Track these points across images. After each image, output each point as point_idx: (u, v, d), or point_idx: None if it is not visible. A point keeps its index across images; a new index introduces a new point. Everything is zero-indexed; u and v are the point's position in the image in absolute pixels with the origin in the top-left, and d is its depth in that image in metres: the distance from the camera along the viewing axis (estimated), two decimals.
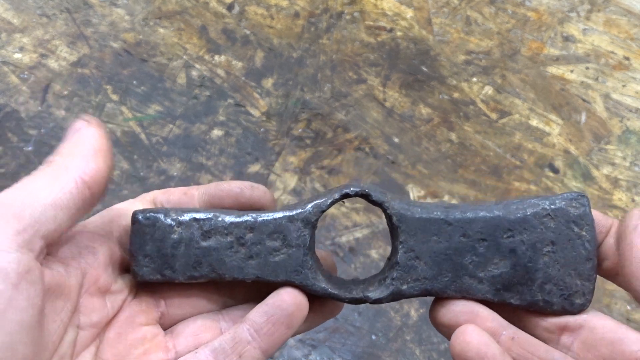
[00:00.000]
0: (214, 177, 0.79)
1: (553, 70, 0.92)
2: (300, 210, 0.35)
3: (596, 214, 0.35)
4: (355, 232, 0.77)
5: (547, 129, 0.87)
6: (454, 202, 0.81)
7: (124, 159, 0.79)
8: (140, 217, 0.36)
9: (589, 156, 0.86)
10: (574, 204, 0.34)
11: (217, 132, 0.82)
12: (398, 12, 0.95)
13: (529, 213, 0.34)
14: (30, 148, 0.78)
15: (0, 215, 0.28)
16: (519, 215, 0.34)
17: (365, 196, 0.35)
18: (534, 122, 0.87)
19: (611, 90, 0.91)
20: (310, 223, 0.35)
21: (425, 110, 0.87)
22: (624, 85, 0.92)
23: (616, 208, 0.82)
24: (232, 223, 0.35)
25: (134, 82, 0.85)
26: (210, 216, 0.36)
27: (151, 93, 0.84)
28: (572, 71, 0.92)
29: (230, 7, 0.93)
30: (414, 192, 0.81)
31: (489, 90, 0.90)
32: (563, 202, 0.34)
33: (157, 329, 0.36)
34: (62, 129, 0.80)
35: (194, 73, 0.87)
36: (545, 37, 0.95)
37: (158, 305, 0.37)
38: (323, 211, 0.35)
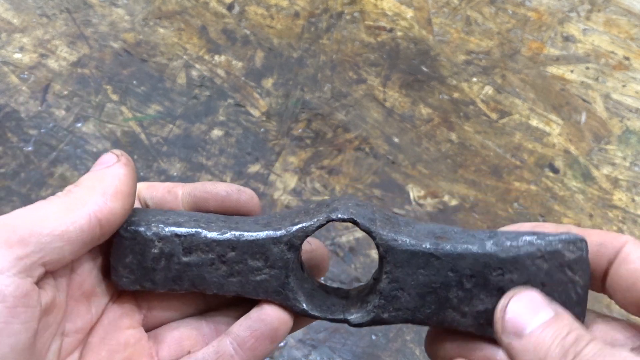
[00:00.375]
0: (214, 177, 0.79)
1: (553, 70, 0.92)
2: (284, 232, 0.34)
3: (606, 234, 0.33)
4: (356, 232, 0.77)
5: (547, 129, 0.87)
6: (454, 202, 0.81)
7: None
8: (121, 229, 0.34)
9: (589, 156, 0.86)
10: (571, 248, 0.33)
11: (217, 132, 0.82)
12: (398, 12, 0.95)
13: (522, 253, 0.33)
14: (30, 148, 0.78)
15: (6, 238, 0.28)
16: (511, 254, 0.33)
17: (353, 222, 0.35)
18: (534, 122, 0.87)
19: (611, 90, 0.91)
20: (294, 246, 0.34)
21: (425, 110, 0.87)
22: (624, 85, 0.92)
23: (616, 208, 0.82)
24: (214, 240, 0.35)
25: (134, 82, 0.85)
26: (192, 232, 0.35)
27: (151, 93, 0.84)
28: (572, 71, 0.92)
29: (230, 7, 0.93)
30: (414, 192, 0.81)
31: (489, 90, 0.89)
32: (560, 245, 0.33)
33: (140, 332, 0.35)
34: (62, 129, 0.80)
35: (194, 73, 0.87)
36: (546, 37, 0.95)
37: (140, 308, 0.36)
38: (308, 235, 0.34)
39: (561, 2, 0.99)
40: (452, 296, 0.34)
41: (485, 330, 0.33)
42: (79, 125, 0.81)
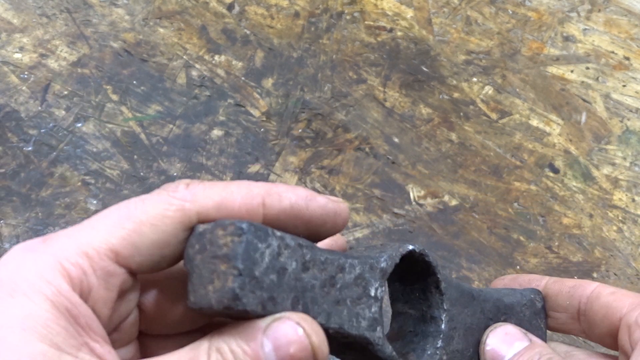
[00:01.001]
0: (214, 177, 0.79)
1: (553, 70, 0.92)
2: (375, 259, 0.30)
3: (578, 281, 0.39)
4: (356, 232, 0.77)
5: (547, 129, 0.87)
6: (454, 202, 0.81)
7: (124, 159, 0.79)
8: (245, 226, 0.26)
9: (589, 156, 0.86)
10: (537, 298, 0.39)
11: (217, 132, 0.82)
12: (398, 12, 0.95)
13: (514, 301, 0.37)
14: (30, 148, 0.78)
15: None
16: (508, 302, 0.37)
17: (422, 256, 0.33)
18: (534, 122, 0.87)
19: (611, 90, 0.91)
20: (386, 275, 0.31)
21: (425, 110, 0.87)
22: (624, 85, 0.92)
23: (616, 208, 0.82)
24: (327, 258, 0.28)
25: (134, 82, 0.85)
26: (310, 244, 0.28)
27: (151, 93, 0.84)
28: (572, 71, 0.92)
29: (230, 7, 0.93)
30: (414, 192, 0.81)
31: (489, 90, 0.89)
32: (532, 295, 0.39)
33: None
34: (62, 129, 0.80)
35: (194, 73, 0.87)
36: (546, 37, 0.95)
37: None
38: (396, 263, 0.31)
39: (561, 2, 0.99)
40: (481, 337, 0.36)
41: None
42: (79, 125, 0.81)
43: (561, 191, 0.83)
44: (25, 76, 0.84)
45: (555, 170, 0.84)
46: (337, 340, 0.29)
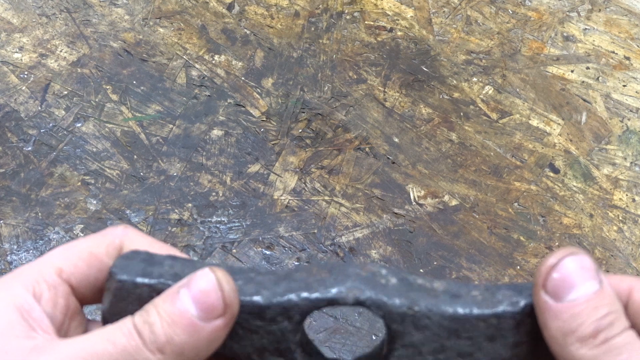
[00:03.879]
0: (214, 177, 0.79)
1: (553, 70, 0.92)
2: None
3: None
4: (356, 232, 0.77)
5: (547, 129, 0.87)
6: (454, 202, 0.80)
7: (124, 159, 0.79)
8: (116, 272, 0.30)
9: (590, 156, 0.85)
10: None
11: (217, 132, 0.82)
12: (398, 12, 0.95)
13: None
14: (29, 148, 0.78)
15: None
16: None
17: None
18: (535, 122, 0.87)
19: (612, 90, 0.91)
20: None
21: (425, 110, 0.87)
22: (624, 85, 0.91)
23: (617, 208, 0.82)
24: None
25: (134, 82, 0.85)
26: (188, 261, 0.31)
27: (151, 93, 0.84)
28: (572, 71, 0.92)
29: (230, 7, 0.93)
30: (414, 192, 0.81)
31: (489, 90, 0.89)
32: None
33: None
34: (62, 129, 0.80)
35: (194, 73, 0.87)
36: (546, 37, 0.95)
37: None
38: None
39: (561, 2, 0.99)
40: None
41: None
42: (79, 125, 0.81)
43: (561, 191, 0.82)
44: (25, 76, 0.84)
45: (556, 170, 0.84)
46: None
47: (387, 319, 0.29)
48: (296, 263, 0.74)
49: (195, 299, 0.26)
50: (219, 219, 0.76)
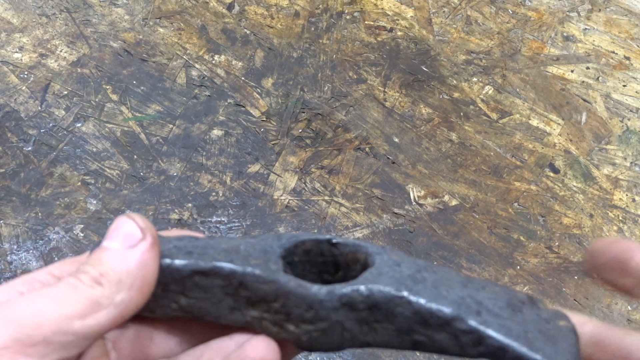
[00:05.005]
0: (214, 177, 0.79)
1: (553, 70, 0.92)
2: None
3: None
4: (356, 232, 0.77)
5: (547, 129, 0.87)
6: (454, 202, 0.80)
7: (124, 159, 0.79)
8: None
9: (590, 156, 0.85)
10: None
11: (217, 132, 0.82)
12: (398, 12, 0.95)
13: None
14: (29, 148, 0.78)
15: (30, 336, 0.26)
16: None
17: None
18: (535, 122, 0.87)
19: (612, 90, 0.91)
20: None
21: (425, 110, 0.87)
22: (624, 85, 0.91)
23: (617, 208, 0.82)
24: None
25: (134, 82, 0.85)
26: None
27: (151, 93, 0.84)
28: (572, 71, 0.92)
29: (230, 7, 0.93)
30: (414, 192, 0.81)
31: (489, 90, 0.89)
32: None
33: None
34: (62, 129, 0.80)
35: (194, 73, 0.87)
36: (546, 37, 0.95)
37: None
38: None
39: (562, 2, 0.99)
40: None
41: None
42: (79, 125, 0.81)
43: (561, 191, 0.82)
44: (25, 76, 0.84)
45: (556, 170, 0.84)
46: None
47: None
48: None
49: (114, 237, 0.29)
50: (219, 219, 0.76)
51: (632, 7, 0.98)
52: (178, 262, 0.30)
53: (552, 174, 0.84)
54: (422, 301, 0.27)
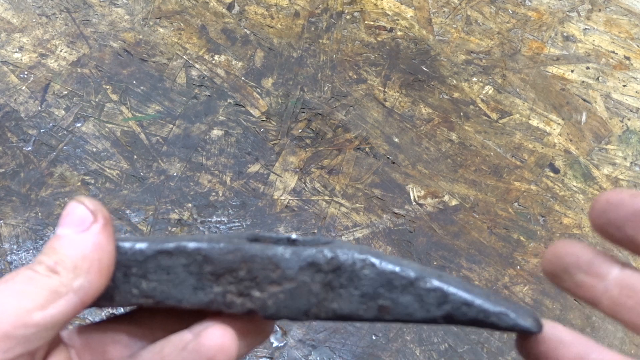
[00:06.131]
0: (214, 177, 0.79)
1: (553, 70, 0.92)
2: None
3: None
4: (356, 232, 0.77)
5: (547, 128, 0.87)
6: (454, 202, 0.80)
7: (124, 159, 0.79)
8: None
9: (590, 156, 0.85)
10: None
11: (217, 132, 0.82)
12: (398, 12, 0.95)
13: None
14: (29, 148, 0.78)
15: None
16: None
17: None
18: (535, 122, 0.87)
19: (612, 90, 0.91)
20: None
21: (425, 110, 0.87)
22: (624, 85, 0.91)
23: None
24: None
25: (134, 82, 0.85)
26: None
27: (151, 93, 0.84)
28: (572, 71, 0.92)
29: (230, 7, 0.93)
30: (414, 192, 0.81)
31: (489, 90, 0.89)
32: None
33: None
34: (62, 129, 0.80)
35: (194, 73, 0.87)
36: (546, 37, 0.95)
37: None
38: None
39: (561, 2, 0.99)
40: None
41: None
42: (79, 125, 0.81)
43: (561, 191, 0.82)
44: (25, 76, 0.84)
45: (556, 170, 0.84)
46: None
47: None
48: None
49: (66, 223, 0.28)
50: (219, 219, 0.76)
51: (632, 7, 0.98)
52: (140, 244, 0.30)
53: (552, 174, 0.84)
54: (385, 263, 0.27)
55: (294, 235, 0.31)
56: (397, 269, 0.27)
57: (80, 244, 0.28)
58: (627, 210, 0.27)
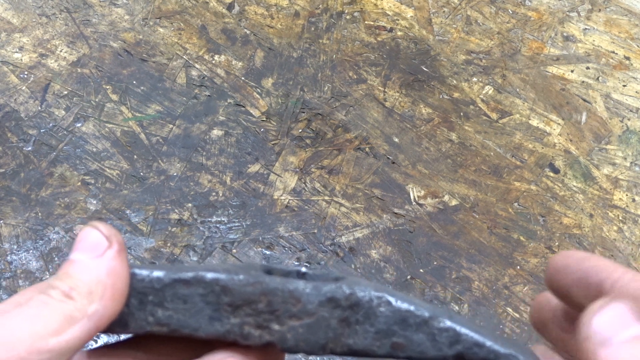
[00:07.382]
0: (214, 177, 0.79)
1: (553, 70, 0.92)
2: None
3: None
4: (356, 232, 0.77)
5: (547, 128, 0.87)
6: (454, 202, 0.80)
7: (124, 159, 0.79)
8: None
9: (590, 156, 0.85)
10: None
11: (217, 132, 0.82)
12: (398, 12, 0.95)
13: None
14: (29, 148, 0.78)
15: (4, 357, 0.25)
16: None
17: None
18: (535, 122, 0.87)
19: (612, 90, 0.91)
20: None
21: (425, 110, 0.87)
22: (624, 85, 0.91)
23: (617, 208, 0.82)
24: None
25: (134, 82, 0.85)
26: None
27: (151, 93, 0.84)
28: (572, 71, 0.92)
29: (230, 7, 0.93)
30: (414, 192, 0.81)
31: (489, 90, 0.89)
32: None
33: None
34: (62, 129, 0.80)
35: (194, 73, 0.87)
36: (546, 37, 0.95)
37: None
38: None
39: (561, 2, 0.99)
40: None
41: None
42: (79, 125, 0.81)
43: (561, 191, 0.82)
44: (25, 76, 0.84)
45: (556, 170, 0.84)
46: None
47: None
48: (296, 263, 0.74)
49: (80, 248, 0.28)
50: (219, 219, 0.76)
51: (632, 7, 0.98)
52: (158, 272, 0.30)
53: (552, 174, 0.84)
54: (400, 302, 0.28)
55: (303, 269, 0.32)
56: (412, 307, 0.28)
57: (95, 269, 0.28)
58: (573, 277, 0.27)
